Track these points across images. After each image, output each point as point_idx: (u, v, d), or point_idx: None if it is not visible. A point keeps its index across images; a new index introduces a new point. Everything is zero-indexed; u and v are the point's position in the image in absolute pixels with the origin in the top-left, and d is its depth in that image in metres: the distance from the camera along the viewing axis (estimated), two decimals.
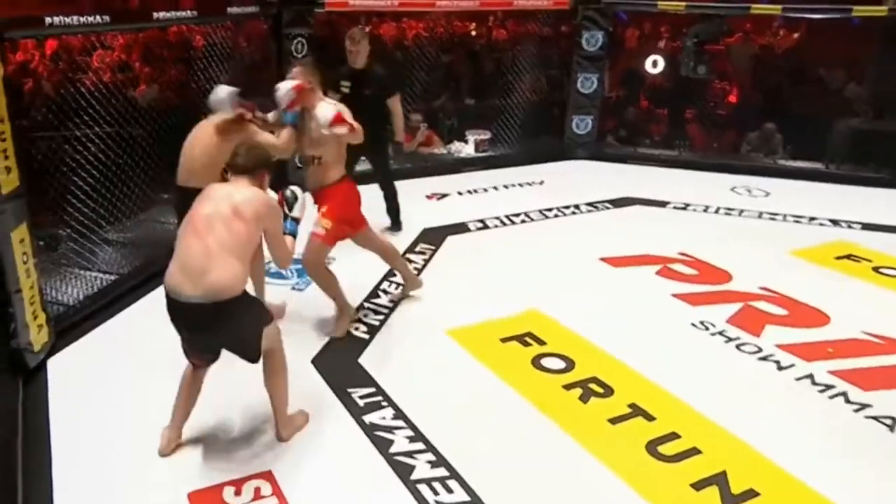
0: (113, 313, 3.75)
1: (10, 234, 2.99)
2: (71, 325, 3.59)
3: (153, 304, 3.43)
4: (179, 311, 2.47)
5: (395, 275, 4.23)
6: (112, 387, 3.12)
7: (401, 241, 4.79)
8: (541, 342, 3.57)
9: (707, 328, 3.77)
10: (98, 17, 3.65)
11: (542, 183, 6.42)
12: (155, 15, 4.14)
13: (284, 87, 3.31)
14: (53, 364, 3.30)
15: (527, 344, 3.56)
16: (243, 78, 5.35)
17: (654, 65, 7.29)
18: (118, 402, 3.02)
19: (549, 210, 5.64)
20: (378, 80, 4.50)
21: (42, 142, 3.86)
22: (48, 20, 3.33)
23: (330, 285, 3.57)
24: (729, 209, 5.78)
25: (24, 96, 4.31)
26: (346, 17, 6.62)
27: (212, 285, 2.39)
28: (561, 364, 3.37)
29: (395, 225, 5.00)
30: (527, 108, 7.15)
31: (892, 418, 3.05)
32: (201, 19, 4.81)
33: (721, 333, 3.72)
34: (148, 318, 3.48)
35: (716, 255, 4.70)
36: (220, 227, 2.46)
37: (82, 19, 3.53)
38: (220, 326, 2.47)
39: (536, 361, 3.40)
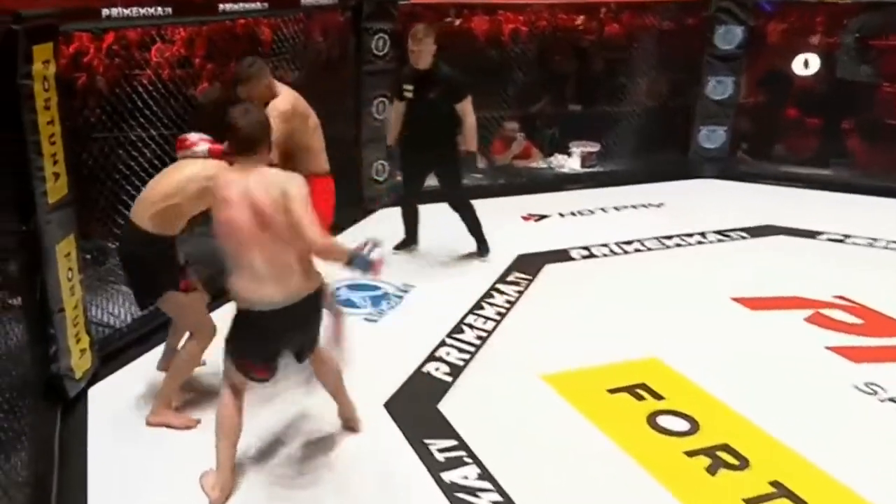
0: (164, 338, 3.81)
1: (54, 248, 3.14)
2: (116, 349, 3.73)
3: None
4: (277, 318, 2.62)
5: (482, 307, 4.22)
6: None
7: (491, 269, 4.78)
8: (658, 396, 3.48)
9: (874, 392, 3.54)
10: (159, 9, 3.85)
11: (660, 205, 6.32)
12: (221, 7, 4.32)
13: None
14: (95, 393, 3.42)
15: (641, 397, 3.48)
16: (316, 78, 5.54)
17: (806, 65, 7.02)
18: (164, 438, 3.10)
19: (670, 238, 5.51)
20: (445, 81, 4.53)
21: (94, 144, 4.05)
22: (105, 12, 3.53)
23: None
24: None
25: (76, 94, 4.55)
26: (433, 9, 6.74)
27: (298, 286, 2.63)
28: (684, 425, 3.27)
29: (482, 248, 4.97)
30: (644, 116, 7.06)
31: None
32: (272, 11, 4.98)
33: (893, 400, 3.47)
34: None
35: (886, 300, 4.44)
36: (270, 231, 2.56)
37: (143, 11, 3.72)
38: (317, 315, 2.80)
39: (652, 419, 3.31)
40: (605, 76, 7.31)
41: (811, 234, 5.60)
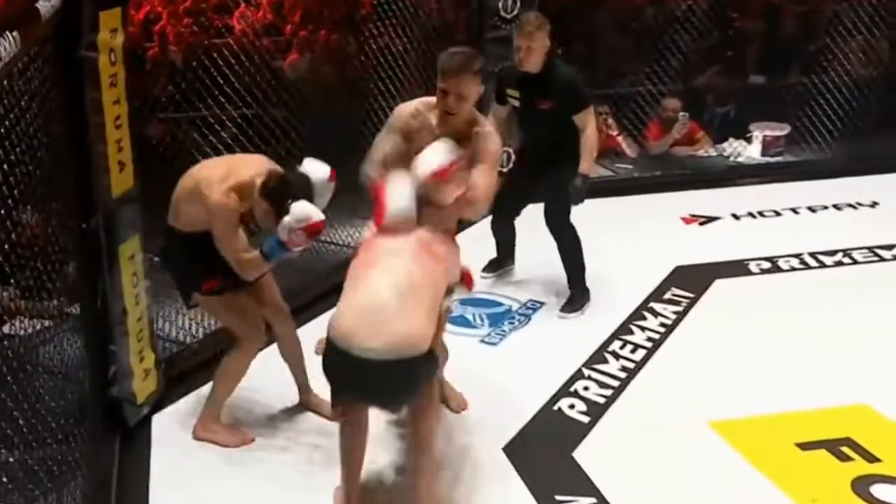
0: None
1: (117, 249, 3.32)
2: (185, 370, 3.89)
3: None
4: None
5: (630, 331, 4.22)
6: (230, 453, 3.34)
7: (642, 284, 4.76)
8: (871, 457, 3.39)
9: None
10: None
11: (874, 205, 6.15)
12: None
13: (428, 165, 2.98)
14: (160, 421, 3.59)
15: (845, 457, 3.40)
16: (427, 49, 5.66)
17: None
18: (235, 471, 3.24)
19: (888, 248, 5.33)
20: (562, 87, 4.39)
21: (164, 126, 4.27)
22: None
23: None
24: None
25: (146, 67, 4.81)
26: None
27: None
28: None
29: (576, 297, 4.60)
30: (852, 88, 6.86)
31: None
32: None
33: None
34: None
35: None
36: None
37: None
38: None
39: (861, 487, 3.22)
40: (799, 39, 7.17)
41: None
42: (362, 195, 3.28)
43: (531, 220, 4.66)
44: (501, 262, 4.95)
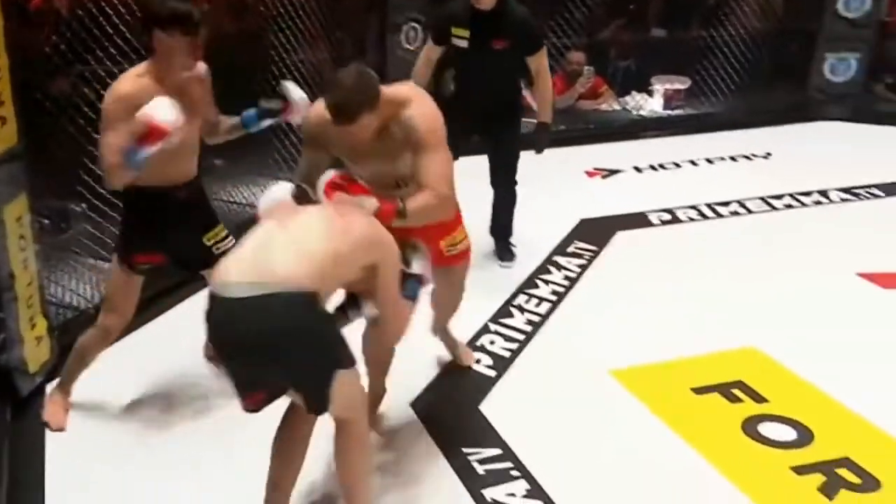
0: (142, 322, 3.85)
1: (1, 210, 3.15)
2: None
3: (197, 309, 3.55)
4: None
5: (535, 285, 4.25)
6: (134, 424, 3.26)
7: (546, 238, 4.80)
8: (758, 397, 3.49)
9: None
10: None
11: (767, 156, 6.31)
12: None
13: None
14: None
15: (736, 399, 3.48)
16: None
17: None
18: (138, 446, 3.14)
19: (779, 198, 5.49)
20: (518, 26, 4.17)
21: (52, 82, 4.08)
22: None
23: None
24: None
25: (30, 17, 4.59)
26: None
27: None
28: (791, 434, 3.28)
29: (505, 251, 4.67)
30: (749, 42, 7.00)
31: None
32: None
33: None
34: (189, 328, 3.09)
35: None
36: None
37: None
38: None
39: (751, 427, 3.31)
40: None
41: None
42: (265, 153, 3.21)
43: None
44: None
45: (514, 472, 3.01)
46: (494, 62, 4.16)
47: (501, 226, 4.63)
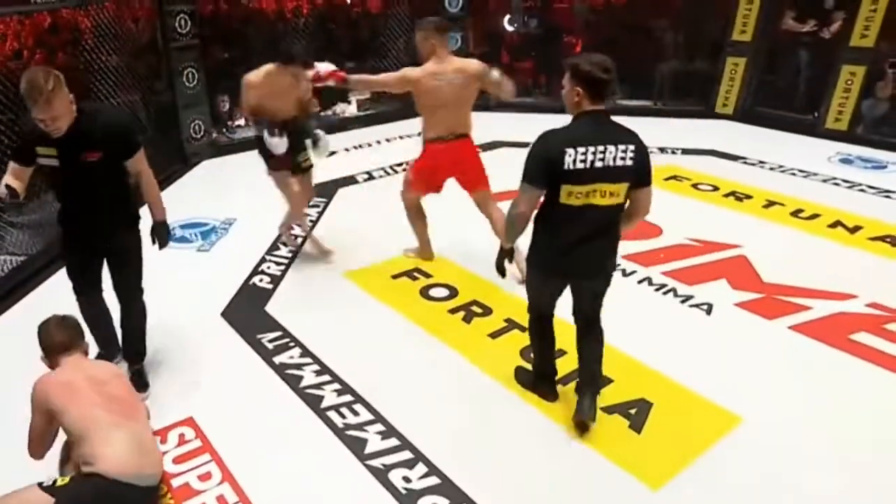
0: (8, 305, 3.32)
1: None
2: None
3: (57, 288, 3.13)
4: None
5: (292, 227, 3.96)
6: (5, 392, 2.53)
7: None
8: (427, 275, 3.57)
9: None
10: None
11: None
12: None
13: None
14: None
15: (415, 278, 3.56)
16: (137, 57, 4.97)
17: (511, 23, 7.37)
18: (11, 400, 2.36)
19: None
20: (101, 132, 2.31)
21: None
22: None
23: (414, 224, 3.62)
24: None
25: None
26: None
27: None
28: (445, 292, 3.39)
29: (139, 378, 2.67)
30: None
31: (709, 304, 3.32)
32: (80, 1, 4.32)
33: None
34: (50, 306, 2.36)
35: None
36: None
37: None
38: None
39: (424, 292, 3.41)
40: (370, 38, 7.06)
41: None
42: None
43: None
44: (109, 356, 2.68)
45: (291, 344, 2.98)
46: (89, 174, 2.31)
47: (129, 338, 2.68)
